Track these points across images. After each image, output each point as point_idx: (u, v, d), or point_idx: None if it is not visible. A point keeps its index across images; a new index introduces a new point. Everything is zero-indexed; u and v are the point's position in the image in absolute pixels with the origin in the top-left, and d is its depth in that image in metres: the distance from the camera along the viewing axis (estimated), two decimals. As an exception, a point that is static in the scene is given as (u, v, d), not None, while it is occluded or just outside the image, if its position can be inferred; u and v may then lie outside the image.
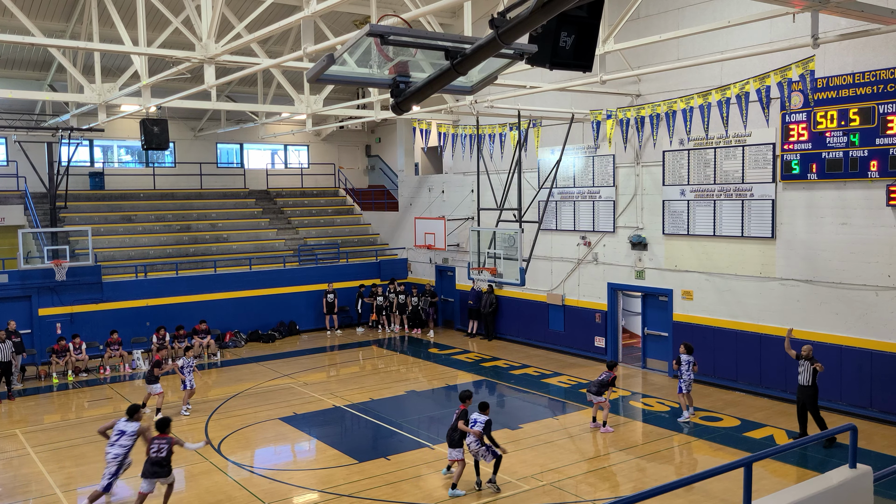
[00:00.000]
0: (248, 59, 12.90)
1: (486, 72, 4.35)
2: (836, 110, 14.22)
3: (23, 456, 13.14)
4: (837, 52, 14.08)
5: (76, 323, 20.43)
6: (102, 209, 25.14)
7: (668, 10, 17.01)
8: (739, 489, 4.84)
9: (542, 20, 3.60)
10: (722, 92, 14.53)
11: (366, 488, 11.35)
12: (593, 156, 19.51)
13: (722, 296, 16.65)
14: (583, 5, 4.05)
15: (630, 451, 12.88)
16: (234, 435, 14.03)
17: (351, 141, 32.32)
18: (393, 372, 18.99)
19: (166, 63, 12.75)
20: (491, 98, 16.96)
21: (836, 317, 14.62)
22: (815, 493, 4.86)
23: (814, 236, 14.92)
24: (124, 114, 19.95)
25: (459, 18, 21.03)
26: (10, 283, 19.88)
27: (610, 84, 16.83)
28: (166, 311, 21.46)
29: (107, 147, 27.77)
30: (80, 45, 12.04)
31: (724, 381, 16.66)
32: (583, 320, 20.08)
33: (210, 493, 11.32)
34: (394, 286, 24.80)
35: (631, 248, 18.60)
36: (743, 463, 4.82)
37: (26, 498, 11.35)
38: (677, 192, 17.34)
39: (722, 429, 13.96)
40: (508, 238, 17.61)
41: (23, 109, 23.89)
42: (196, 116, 27.77)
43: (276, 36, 19.82)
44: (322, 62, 3.91)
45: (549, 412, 15.49)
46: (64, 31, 19.85)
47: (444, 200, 25.00)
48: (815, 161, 14.63)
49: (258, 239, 26.35)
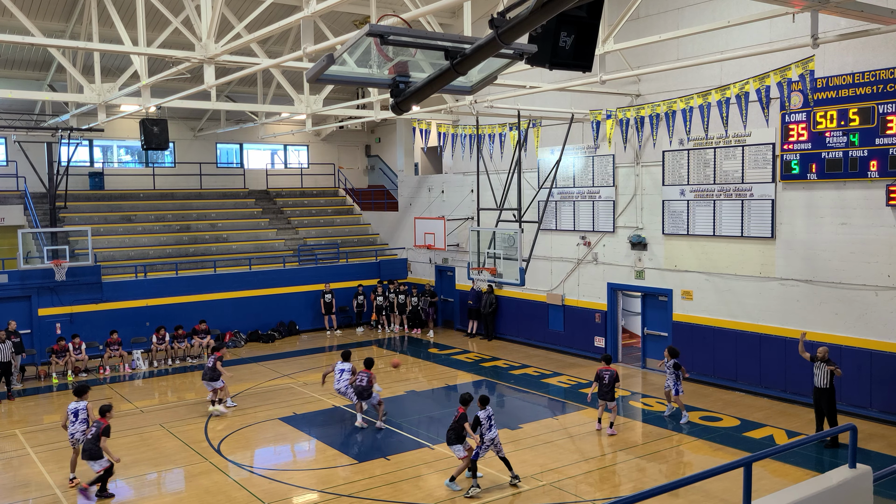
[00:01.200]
0: (248, 59, 12.90)
1: (486, 72, 4.35)
2: (835, 110, 14.22)
3: (22, 456, 13.14)
4: (837, 52, 14.08)
5: (76, 323, 20.43)
6: (102, 209, 25.14)
7: (668, 10, 17.01)
8: (739, 489, 4.84)
9: (541, 20, 3.60)
10: (722, 92, 14.54)
11: (365, 488, 11.35)
12: (593, 156, 19.52)
13: (722, 296, 16.65)
14: (582, 5, 4.05)
15: (630, 451, 12.88)
16: (233, 435, 14.03)
17: (350, 141, 32.32)
18: (393, 372, 18.99)
19: (166, 63, 12.75)
20: (491, 98, 16.96)
21: (836, 317, 14.62)
22: (815, 493, 4.86)
23: (813, 236, 14.92)
24: (124, 114, 19.95)
25: (459, 18, 21.03)
26: (10, 284, 19.87)
27: (610, 84, 16.83)
28: (166, 312, 21.46)
29: (106, 147, 27.77)
30: (79, 45, 12.04)
31: (723, 381, 16.66)
32: (582, 320, 20.08)
33: (210, 493, 11.32)
34: (394, 286, 24.81)
35: (631, 248, 18.60)
36: (742, 463, 4.81)
37: (26, 498, 11.35)
38: (677, 192, 17.34)
39: (721, 429, 13.96)
40: (508, 238, 17.61)
41: (22, 109, 23.89)
42: (196, 116, 27.77)
43: (275, 36, 19.82)
44: (322, 62, 3.90)
45: (549, 412, 15.49)
46: (64, 31, 19.85)
47: (443, 200, 25.00)
48: (814, 161, 14.63)
49: (258, 239, 26.35)
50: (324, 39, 13.36)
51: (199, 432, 14.23)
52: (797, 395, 15.25)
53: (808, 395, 15.03)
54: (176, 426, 14.67)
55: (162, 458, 12.91)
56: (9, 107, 23.23)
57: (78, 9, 19.11)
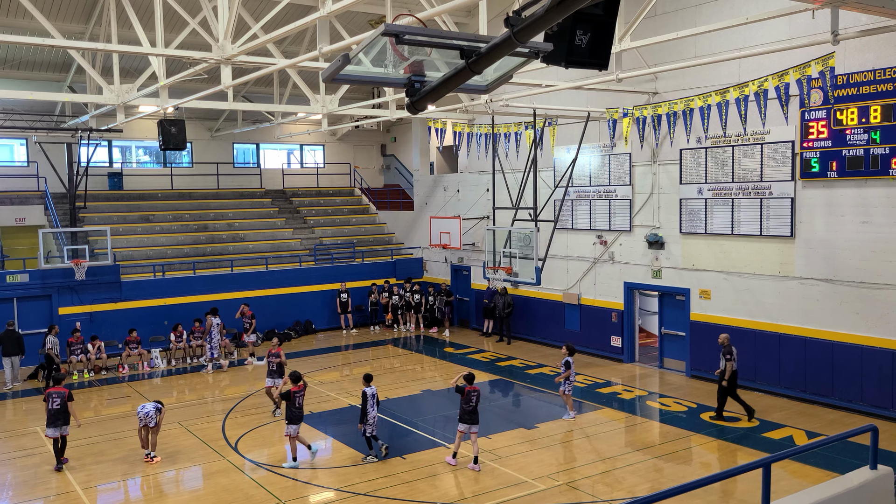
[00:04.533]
0: (264, 59, 12.97)
1: (502, 70, 4.34)
2: (856, 107, 14.05)
3: (44, 453, 13.29)
4: (858, 49, 13.90)
5: (95, 322, 20.65)
6: (121, 209, 25.38)
7: (685, 7, 16.88)
8: (758, 490, 4.80)
9: (557, 18, 3.58)
10: (740, 89, 14.41)
11: (382, 487, 11.37)
12: (609, 154, 19.42)
13: (740, 295, 16.52)
14: (598, 3, 4.02)
15: (647, 451, 12.80)
16: (250, 433, 14.11)
17: (366, 140, 32.39)
18: (408, 371, 19.02)
19: (183, 64, 12.86)
20: (506, 97, 16.93)
21: (857, 316, 14.45)
22: (835, 494, 4.82)
23: (834, 235, 14.75)
24: (142, 114, 20.15)
25: (474, 17, 21.01)
26: (31, 283, 20.13)
27: (626, 82, 16.76)
28: (184, 310, 21.61)
29: (125, 147, 28.03)
30: (98, 47, 12.18)
31: (742, 381, 16.45)
32: (599, 320, 20.00)
33: (227, 491, 11.39)
34: (409, 285, 24.83)
35: (647, 247, 18.49)
36: (761, 464, 4.77)
37: (47, 495, 11.48)
38: (695, 190, 17.22)
39: (740, 429, 13.84)
40: (524, 237, 17.57)
41: (43, 111, 24.17)
42: (213, 117, 27.95)
43: (291, 36, 19.92)
44: (337, 62, 3.91)
45: (566, 412, 15.42)
46: (83, 32, 20.05)
47: (459, 199, 24.99)
48: (835, 159, 14.47)
49: (274, 238, 26.48)
50: (339, 39, 13.41)
51: (217, 430, 14.33)
52: (817, 396, 15.09)
53: (828, 396, 14.92)
54: (194, 424, 14.78)
55: (180, 455, 13.01)
56: (30, 108, 23.52)
57: (97, 11, 19.30)
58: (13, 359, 18.15)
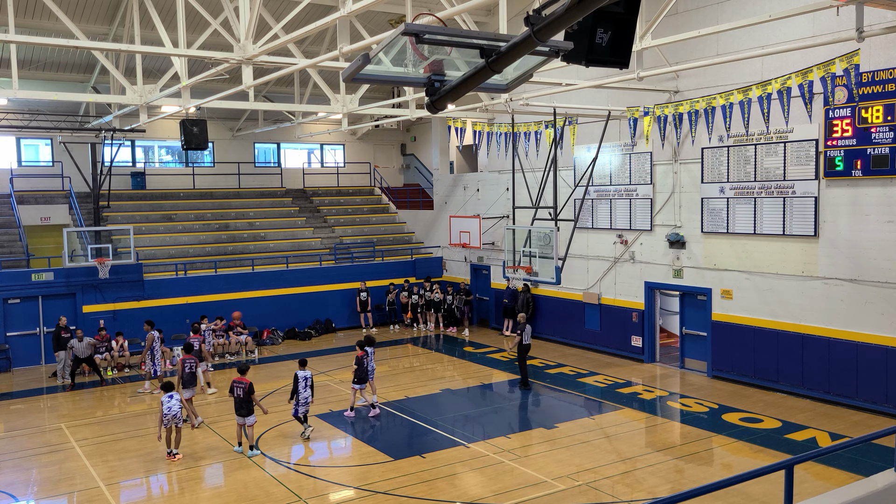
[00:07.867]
0: (285, 59, 13.03)
1: (522, 69, 4.32)
2: (882, 105, 13.84)
3: (68, 450, 13.48)
4: (883, 46, 13.69)
5: (118, 320, 20.89)
6: (144, 208, 25.65)
7: (707, 4, 16.74)
8: (780, 492, 4.75)
9: (577, 17, 3.56)
10: (763, 87, 14.26)
11: (401, 486, 11.40)
12: (630, 153, 19.31)
13: (763, 295, 16.35)
14: (619, 1, 4.00)
15: (668, 452, 12.72)
16: (271, 431, 14.20)
17: (386, 140, 32.47)
18: (428, 370, 19.04)
19: (205, 64, 12.98)
20: (526, 96, 16.88)
21: (882, 317, 14.25)
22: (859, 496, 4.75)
23: (858, 234, 14.55)
24: (165, 114, 20.34)
25: (494, 16, 20.96)
26: (56, 281, 20.42)
27: (647, 80, 16.64)
28: (205, 309, 21.78)
29: (148, 147, 28.33)
30: (122, 48, 12.30)
31: (764, 381, 16.36)
32: (619, 319, 19.89)
33: (248, 488, 11.48)
34: (429, 284, 24.86)
35: (668, 247, 18.36)
36: (784, 465, 4.72)
37: (71, 490, 11.64)
38: (716, 189, 17.07)
39: (762, 430, 13.71)
40: (544, 236, 17.52)
41: (67, 111, 24.49)
42: (234, 116, 28.16)
43: (312, 36, 20.02)
44: (357, 62, 3.92)
45: (586, 412, 15.37)
46: (107, 33, 20.29)
47: (478, 199, 24.97)
48: (859, 157, 14.27)
49: (295, 237, 26.63)
50: (360, 39, 13.45)
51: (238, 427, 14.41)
52: (841, 397, 14.90)
53: (852, 397, 14.73)
54: (215, 421, 14.91)
55: (201, 452, 13.13)
56: (54, 109, 23.85)
57: (120, 12, 19.52)
58: (64, 353, 18.52)
